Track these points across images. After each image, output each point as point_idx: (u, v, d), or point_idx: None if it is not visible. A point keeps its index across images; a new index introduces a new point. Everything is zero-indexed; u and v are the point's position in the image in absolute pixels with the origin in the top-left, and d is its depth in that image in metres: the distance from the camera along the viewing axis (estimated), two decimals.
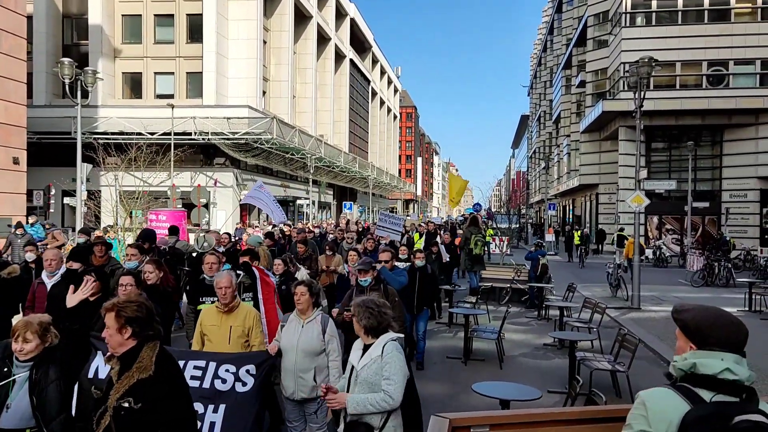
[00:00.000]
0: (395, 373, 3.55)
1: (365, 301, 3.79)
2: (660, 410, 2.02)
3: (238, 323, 4.81)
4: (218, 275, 5.02)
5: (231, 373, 4.42)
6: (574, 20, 47.59)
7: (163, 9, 32.60)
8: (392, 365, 3.57)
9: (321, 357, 4.67)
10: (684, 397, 2.01)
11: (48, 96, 30.78)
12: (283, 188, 38.16)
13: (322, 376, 4.64)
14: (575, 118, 45.06)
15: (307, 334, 4.67)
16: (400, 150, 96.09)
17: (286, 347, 4.68)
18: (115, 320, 2.79)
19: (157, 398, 2.71)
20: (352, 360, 3.78)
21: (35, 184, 21.11)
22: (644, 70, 14.63)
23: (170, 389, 2.80)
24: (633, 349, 7.21)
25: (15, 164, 17.32)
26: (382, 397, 3.49)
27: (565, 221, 53.34)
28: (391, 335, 3.75)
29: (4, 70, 16.81)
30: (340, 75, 51.54)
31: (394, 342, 3.71)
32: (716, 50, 30.97)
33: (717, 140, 32.70)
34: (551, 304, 12.35)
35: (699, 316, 2.16)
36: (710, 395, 2.00)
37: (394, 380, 3.53)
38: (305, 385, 4.61)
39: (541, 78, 71.01)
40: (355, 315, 3.77)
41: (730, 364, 2.01)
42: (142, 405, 2.67)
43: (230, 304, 4.83)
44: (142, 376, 2.71)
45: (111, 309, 2.82)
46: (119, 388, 2.70)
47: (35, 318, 3.60)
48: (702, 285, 19.11)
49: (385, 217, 12.95)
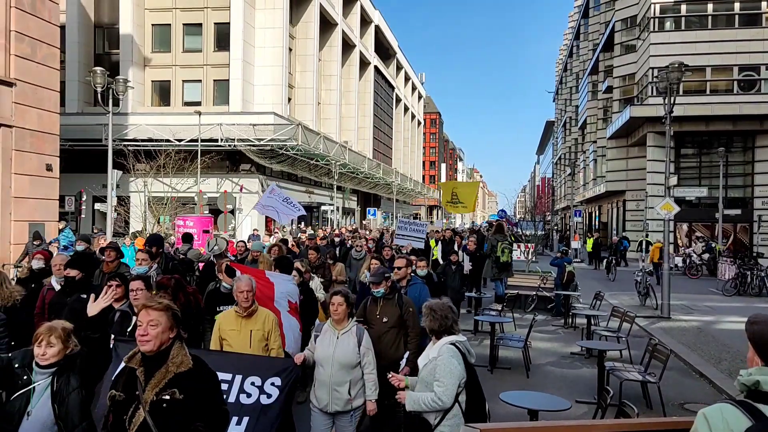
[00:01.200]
0: (445, 376, 3.67)
1: (431, 304, 3.99)
2: (722, 426, 1.98)
3: (258, 327, 4.80)
4: (238, 279, 5.05)
5: (256, 386, 4.34)
6: (600, 25, 47.09)
7: (192, 18, 33.18)
8: (443, 368, 3.70)
9: (356, 369, 4.62)
10: (746, 413, 1.96)
11: (80, 104, 31.51)
12: (307, 194, 38.40)
13: (356, 388, 4.58)
14: (602, 123, 44.53)
15: (343, 346, 4.61)
16: (424, 156, 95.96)
17: (321, 359, 4.60)
18: (168, 319, 2.91)
19: (198, 389, 2.81)
20: (421, 358, 4.01)
21: (67, 190, 21.58)
22: (674, 75, 14.40)
23: (208, 381, 2.93)
24: (664, 360, 7.07)
25: (48, 171, 17.71)
26: (432, 398, 3.63)
27: (592, 228, 52.65)
28: (450, 338, 3.87)
29: (39, 78, 17.23)
30: (365, 81, 51.75)
31: (451, 345, 3.81)
32: (747, 55, 30.35)
33: (749, 146, 31.99)
34: (578, 312, 12.17)
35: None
36: None
37: (443, 382, 3.65)
38: (340, 398, 4.54)
39: (566, 83, 70.34)
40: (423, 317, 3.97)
41: None
42: (185, 396, 2.75)
43: (250, 308, 4.83)
44: (180, 370, 2.81)
45: (166, 309, 2.93)
46: (156, 383, 2.77)
47: (59, 323, 3.61)
48: (734, 294, 18.66)
49: (404, 224, 11.83)
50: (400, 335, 5.64)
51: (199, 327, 5.71)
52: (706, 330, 12.73)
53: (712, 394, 8.08)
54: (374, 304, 5.74)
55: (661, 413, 6.94)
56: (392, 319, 5.61)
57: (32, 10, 16.93)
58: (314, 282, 7.75)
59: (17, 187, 16.69)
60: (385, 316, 5.61)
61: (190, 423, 2.75)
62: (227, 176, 30.10)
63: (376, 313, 5.65)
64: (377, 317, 5.61)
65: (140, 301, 4.69)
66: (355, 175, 42.67)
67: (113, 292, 4.95)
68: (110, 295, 4.87)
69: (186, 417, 2.75)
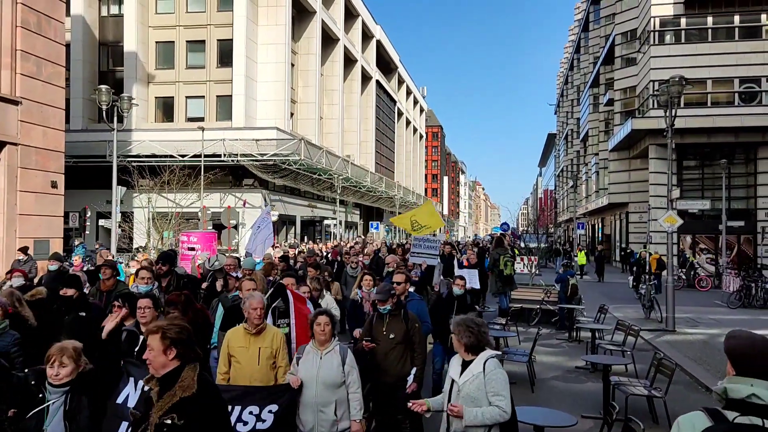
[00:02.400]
0: (503, 389, 3.83)
1: (465, 320, 4.06)
2: (687, 429, 2.28)
3: (266, 345, 4.79)
4: (250, 296, 5.04)
5: (254, 415, 4.35)
6: (601, 38, 47.39)
7: (195, 35, 33.52)
8: (499, 381, 3.84)
9: (341, 389, 4.54)
10: (710, 417, 2.23)
11: (84, 121, 31.75)
12: (310, 209, 38.48)
13: (342, 409, 4.49)
14: (603, 136, 44.63)
15: (327, 365, 4.53)
16: (426, 169, 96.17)
17: (305, 380, 4.52)
18: (160, 341, 2.88)
19: (199, 415, 2.79)
20: (452, 374, 4.04)
21: (70, 207, 21.67)
22: (675, 89, 14.47)
23: (212, 407, 2.89)
24: (670, 374, 7.06)
25: (53, 188, 17.82)
26: (498, 412, 3.76)
27: (595, 240, 52.55)
28: (489, 353, 4.00)
29: (44, 97, 17.40)
30: (367, 96, 52.07)
31: (494, 359, 3.95)
32: (747, 67, 30.47)
33: (751, 158, 32.01)
34: (582, 326, 12.14)
35: (743, 345, 2.31)
36: (734, 416, 2.18)
37: (504, 395, 3.81)
38: (326, 420, 4.45)
39: (568, 96, 70.64)
40: (455, 333, 4.02)
41: (758, 390, 2.17)
42: (185, 422, 2.74)
43: (260, 325, 4.83)
44: (185, 395, 2.79)
45: (156, 331, 2.91)
46: (162, 406, 2.77)
47: (69, 343, 3.65)
48: (739, 306, 18.58)
49: (419, 242, 11.41)
50: (407, 351, 5.63)
51: (207, 344, 5.71)
52: (712, 343, 12.67)
53: None
54: (380, 320, 5.73)
55: (667, 429, 6.90)
56: (399, 336, 5.61)
57: (38, 29, 17.14)
58: (326, 299, 7.58)
59: (22, 204, 16.78)
60: (391, 333, 5.61)
61: None
62: (230, 191, 30.22)
63: (382, 330, 5.65)
64: (384, 334, 5.62)
65: (147, 319, 4.72)
66: (357, 189, 42.79)
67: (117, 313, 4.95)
68: (115, 317, 4.86)
69: None
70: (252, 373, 4.69)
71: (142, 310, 4.81)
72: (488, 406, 3.81)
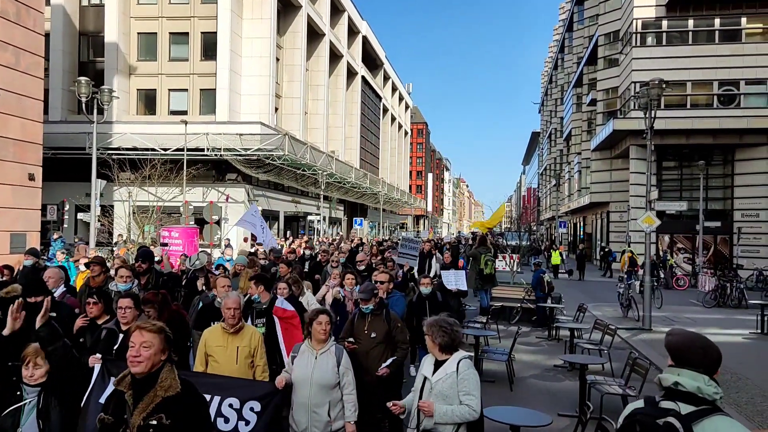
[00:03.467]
0: (475, 389, 3.96)
1: (438, 321, 4.13)
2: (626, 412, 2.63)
3: (244, 344, 4.80)
4: (225, 296, 5.04)
5: (234, 409, 4.29)
6: (584, 39, 47.77)
7: (178, 27, 33.12)
8: (471, 381, 3.96)
9: (335, 391, 4.51)
10: (644, 401, 2.56)
11: (63, 112, 31.27)
12: (294, 204, 38.34)
13: (336, 410, 4.47)
14: (586, 135, 45.06)
15: (322, 366, 4.50)
16: (411, 166, 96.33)
17: (299, 380, 4.49)
18: (161, 341, 2.93)
19: (184, 415, 2.81)
20: (425, 372, 4.13)
21: (49, 199, 21.36)
22: (654, 92, 14.68)
23: (196, 406, 2.93)
24: (644, 373, 7.19)
25: (31, 180, 17.56)
26: (468, 411, 3.88)
27: (577, 239, 53.07)
28: (463, 353, 4.10)
29: (22, 87, 17.12)
30: (352, 92, 51.95)
31: (467, 360, 4.06)
32: (727, 70, 30.94)
33: (729, 159, 32.55)
34: (561, 325, 12.29)
35: (678, 340, 2.61)
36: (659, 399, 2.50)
37: (475, 395, 3.94)
38: (319, 421, 4.41)
39: (552, 95, 71.15)
40: (429, 334, 4.10)
41: (682, 378, 2.46)
42: (172, 421, 2.75)
43: (237, 324, 4.82)
44: (168, 394, 2.81)
45: (159, 331, 2.95)
46: (144, 407, 2.77)
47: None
48: (714, 306, 18.93)
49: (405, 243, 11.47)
50: (387, 350, 5.68)
51: (185, 343, 5.68)
52: None
53: None
54: (362, 319, 5.77)
55: None
56: (380, 335, 5.65)
57: (17, 19, 16.85)
58: (306, 296, 7.47)
59: None
60: (373, 332, 5.66)
61: None
62: (213, 186, 30.01)
63: (363, 329, 5.69)
64: (365, 333, 5.66)
65: (128, 319, 4.70)
66: (341, 185, 42.72)
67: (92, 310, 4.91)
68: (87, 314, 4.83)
69: None
70: (230, 372, 4.69)
71: (123, 310, 4.77)
72: (459, 404, 3.92)
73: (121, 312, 4.78)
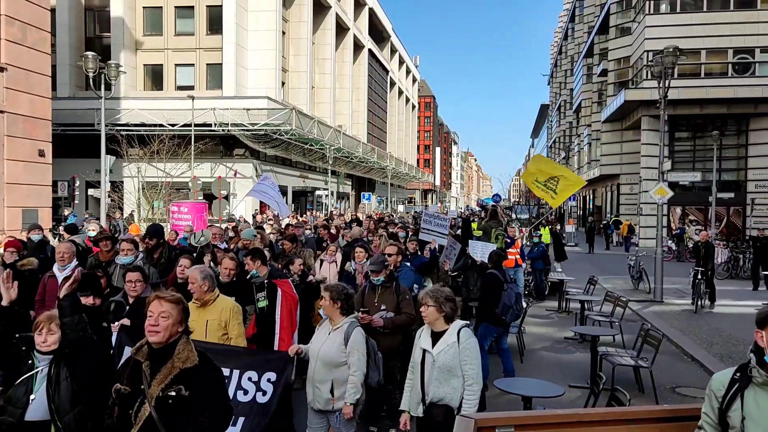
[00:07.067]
0: (475, 357, 3.97)
1: (441, 290, 4.11)
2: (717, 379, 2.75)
3: (214, 317, 4.70)
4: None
5: (253, 382, 4.33)
6: (596, 7, 46.83)
7: (184, 1, 32.77)
8: (472, 350, 3.97)
9: (341, 369, 4.40)
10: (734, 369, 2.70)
11: (71, 88, 31.20)
12: (302, 179, 38.30)
13: (340, 390, 4.36)
14: (596, 107, 44.49)
15: (329, 342, 4.45)
16: (419, 140, 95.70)
17: (310, 354, 4.52)
18: (180, 313, 2.95)
19: (204, 385, 2.83)
20: (424, 345, 4.09)
21: (59, 176, 21.42)
22: (669, 59, 14.37)
23: (214, 378, 2.96)
24: (656, 344, 7.16)
25: (41, 156, 17.61)
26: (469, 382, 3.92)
27: (586, 212, 52.80)
28: (461, 322, 4.08)
29: (29, 63, 17.05)
30: (359, 65, 51.40)
31: (467, 328, 4.05)
32: (742, 38, 30.28)
33: (743, 129, 32.04)
34: (572, 297, 12.27)
35: None
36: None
37: (475, 364, 3.95)
38: (321, 397, 4.39)
39: (561, 67, 70.09)
40: (433, 304, 4.03)
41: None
42: (190, 393, 2.77)
43: (203, 298, 4.70)
44: (186, 366, 2.83)
45: (178, 302, 2.97)
46: (162, 378, 2.78)
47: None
48: (726, 277, 18.81)
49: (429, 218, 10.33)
50: None
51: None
52: (699, 313, 12.87)
53: (704, 377, 8.18)
54: (372, 291, 5.78)
55: (652, 397, 7.04)
56: (390, 307, 5.65)
57: None
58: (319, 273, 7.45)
59: (10, 173, 16.59)
60: (383, 304, 5.66)
61: (195, 418, 2.78)
62: (221, 161, 29.97)
63: (374, 301, 5.69)
64: (375, 305, 5.66)
65: (138, 292, 4.69)
66: (349, 160, 42.58)
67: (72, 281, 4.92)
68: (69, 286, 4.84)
69: (191, 412, 2.77)
70: None
71: (132, 283, 4.79)
72: (461, 374, 3.95)
73: (131, 285, 4.79)
